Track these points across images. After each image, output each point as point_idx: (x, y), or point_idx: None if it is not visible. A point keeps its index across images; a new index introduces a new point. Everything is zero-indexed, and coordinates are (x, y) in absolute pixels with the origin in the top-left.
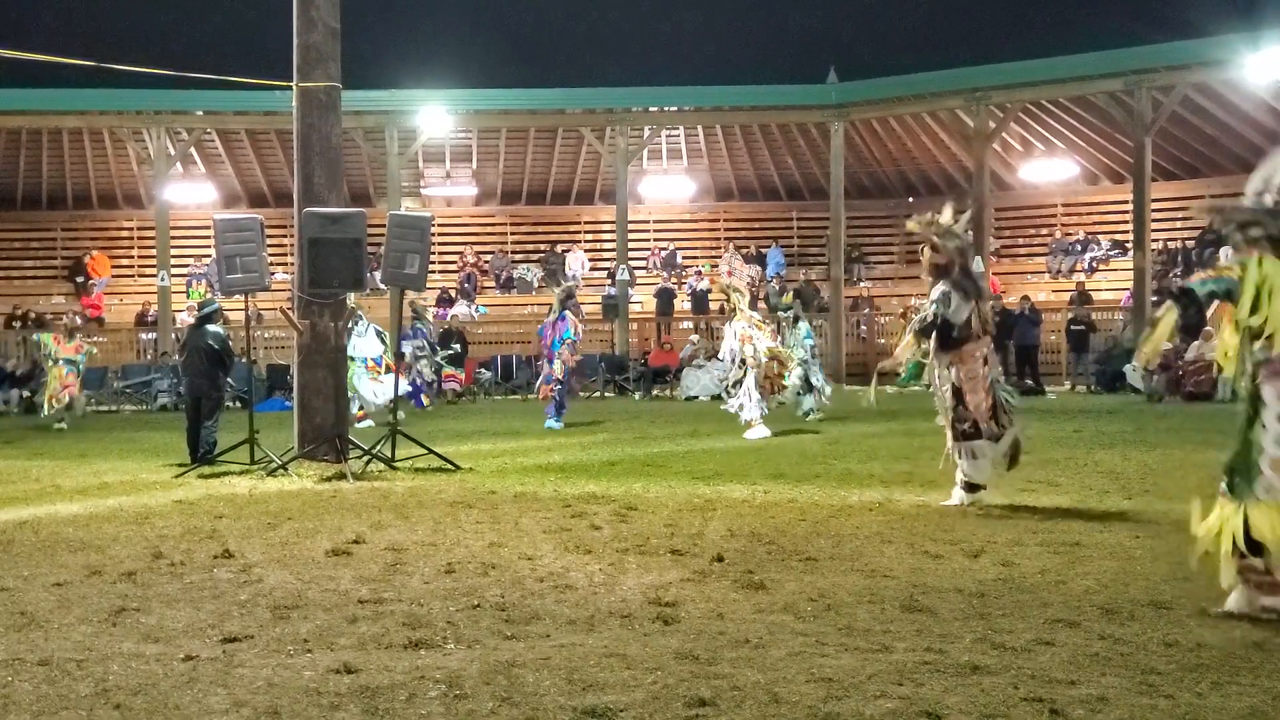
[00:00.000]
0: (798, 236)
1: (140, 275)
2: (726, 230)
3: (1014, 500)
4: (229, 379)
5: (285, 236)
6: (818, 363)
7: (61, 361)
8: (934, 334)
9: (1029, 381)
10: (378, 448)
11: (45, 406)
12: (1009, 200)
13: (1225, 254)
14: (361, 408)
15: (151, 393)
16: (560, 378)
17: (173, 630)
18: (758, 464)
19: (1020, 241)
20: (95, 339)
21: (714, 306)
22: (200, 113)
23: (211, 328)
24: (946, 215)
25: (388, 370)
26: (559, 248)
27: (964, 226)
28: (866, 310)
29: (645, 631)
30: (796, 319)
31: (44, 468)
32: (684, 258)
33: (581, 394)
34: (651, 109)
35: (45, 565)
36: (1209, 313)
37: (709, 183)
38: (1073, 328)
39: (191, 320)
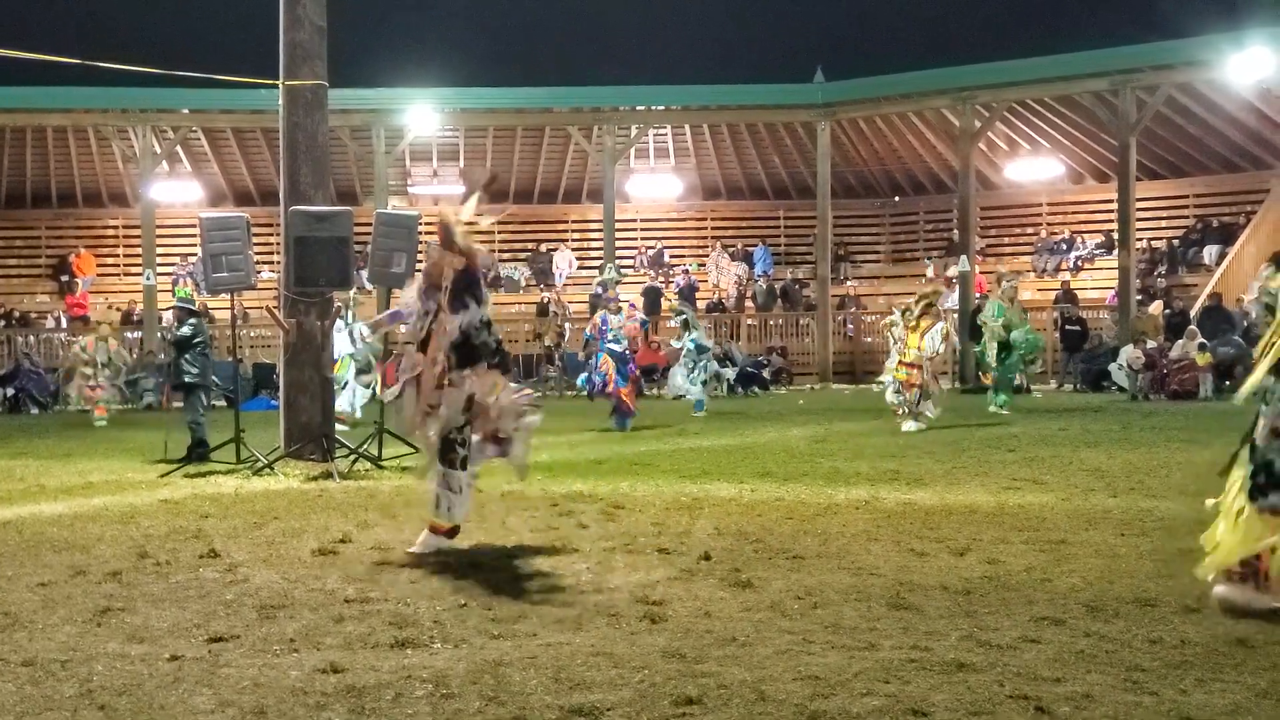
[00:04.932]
0: (784, 235)
1: (126, 274)
2: (714, 229)
3: (1000, 498)
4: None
5: (271, 235)
6: (705, 363)
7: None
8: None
9: None
10: (364, 447)
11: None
12: (994, 199)
13: (1209, 253)
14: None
15: (137, 391)
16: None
17: (158, 630)
18: (745, 463)
19: (1005, 240)
20: (81, 338)
21: (699, 300)
22: (186, 111)
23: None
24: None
25: (358, 372)
26: (546, 247)
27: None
28: (853, 309)
29: (632, 630)
30: (687, 323)
31: (28, 467)
32: (671, 256)
33: (568, 393)
34: (639, 108)
35: (29, 565)
36: (1192, 311)
37: (696, 182)
38: (1067, 328)
39: (175, 318)
